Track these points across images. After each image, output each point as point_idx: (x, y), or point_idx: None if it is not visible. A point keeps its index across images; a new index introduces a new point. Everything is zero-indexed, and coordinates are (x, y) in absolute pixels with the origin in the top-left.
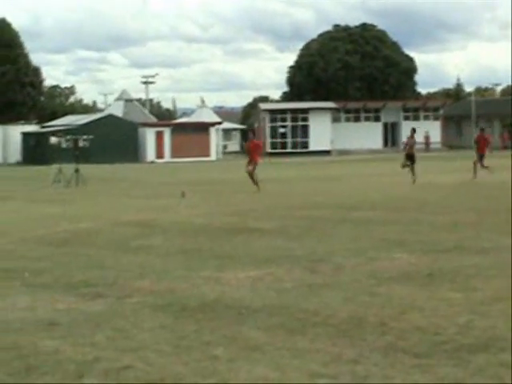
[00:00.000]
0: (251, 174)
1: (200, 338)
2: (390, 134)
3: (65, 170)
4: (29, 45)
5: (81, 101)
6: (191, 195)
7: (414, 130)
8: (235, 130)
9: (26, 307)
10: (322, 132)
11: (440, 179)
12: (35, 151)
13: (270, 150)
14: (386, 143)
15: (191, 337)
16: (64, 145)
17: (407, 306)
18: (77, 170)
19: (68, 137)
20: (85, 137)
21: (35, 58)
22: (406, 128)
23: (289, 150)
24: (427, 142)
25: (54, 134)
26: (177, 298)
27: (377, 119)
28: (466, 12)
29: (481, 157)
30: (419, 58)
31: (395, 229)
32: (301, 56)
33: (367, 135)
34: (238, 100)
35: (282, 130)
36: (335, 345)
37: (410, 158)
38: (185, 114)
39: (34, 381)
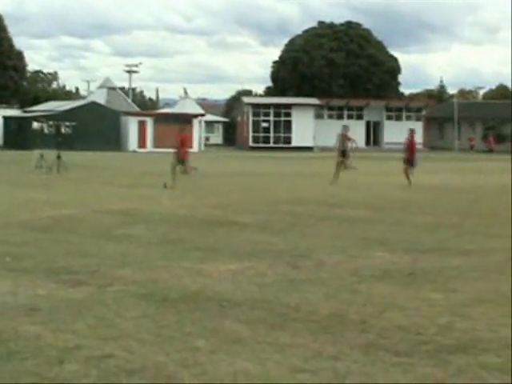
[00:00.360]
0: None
1: (181, 329)
2: (373, 133)
3: (47, 156)
4: (12, 29)
5: (63, 87)
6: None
7: (346, 127)
8: (218, 122)
9: (7, 292)
10: (305, 128)
11: (422, 180)
12: (17, 136)
13: (252, 144)
14: (368, 142)
15: (173, 327)
16: (46, 130)
17: (388, 305)
18: (59, 157)
19: (50, 123)
20: (67, 123)
21: (18, 43)
22: (388, 127)
23: (271, 145)
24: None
25: (36, 119)
26: (159, 288)
27: (359, 117)
28: (449, 14)
29: (408, 161)
30: (402, 58)
31: (377, 227)
32: (285, 51)
33: (350, 133)
34: (222, 93)
35: (264, 125)
36: (316, 341)
37: (343, 154)
38: (167, 104)
39: (15, 366)
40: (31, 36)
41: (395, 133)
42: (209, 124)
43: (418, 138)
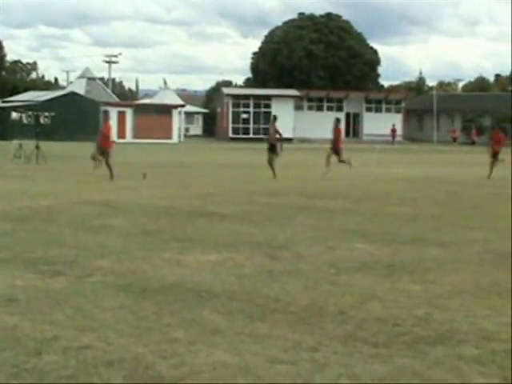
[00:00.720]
0: (105, 161)
1: (160, 320)
2: (352, 125)
3: (25, 147)
4: None
5: (42, 77)
6: (153, 177)
7: (274, 118)
8: (198, 113)
9: None
10: (285, 119)
11: (402, 171)
12: None
13: (231, 135)
14: (347, 133)
15: (151, 318)
16: (25, 121)
17: (367, 296)
18: (37, 147)
19: (29, 113)
20: (46, 113)
21: None
22: (367, 119)
23: (251, 136)
24: (394, 135)
25: (15, 109)
26: (137, 278)
27: (339, 109)
28: (428, 6)
29: (336, 150)
30: (382, 50)
31: (356, 219)
32: (265, 43)
33: (329, 124)
34: (201, 83)
35: (244, 116)
36: (295, 332)
37: (272, 148)
38: (147, 95)
39: None
40: (10, 26)
41: (375, 124)
42: (189, 115)
43: (398, 130)
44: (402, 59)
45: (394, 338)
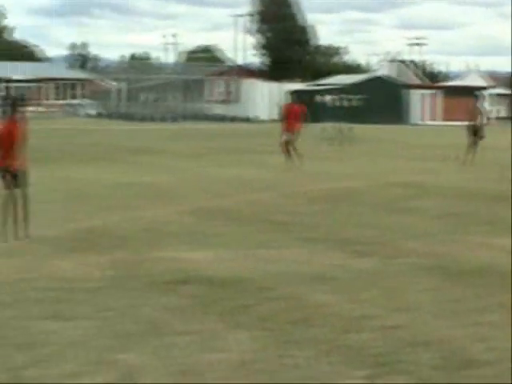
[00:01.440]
0: (287, 145)
1: (472, 303)
2: None
3: (333, 129)
4: (302, 5)
5: (349, 61)
6: (460, 159)
7: (477, 96)
8: (506, 95)
9: (299, 260)
10: None
11: None
12: (307, 108)
13: None
14: None
15: (463, 301)
16: (334, 104)
17: None
18: (345, 130)
19: (337, 96)
20: (353, 97)
21: (306, 18)
22: None
23: None
24: None
25: (324, 92)
26: (447, 261)
27: None
28: None
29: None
30: None
31: None
32: None
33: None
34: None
35: None
36: None
37: (474, 133)
38: (454, 76)
39: (301, 333)
40: (318, 11)
41: None
42: (496, 97)
43: None
44: None
45: None
